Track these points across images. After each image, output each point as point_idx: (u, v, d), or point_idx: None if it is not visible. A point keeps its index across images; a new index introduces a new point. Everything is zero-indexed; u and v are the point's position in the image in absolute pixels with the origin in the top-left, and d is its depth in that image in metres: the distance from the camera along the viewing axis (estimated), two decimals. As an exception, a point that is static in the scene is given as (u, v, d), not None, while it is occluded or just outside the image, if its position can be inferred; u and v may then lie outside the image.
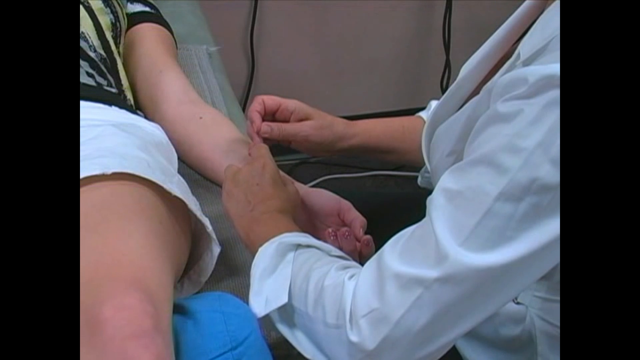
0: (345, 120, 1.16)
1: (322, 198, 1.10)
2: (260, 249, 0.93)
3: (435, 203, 0.78)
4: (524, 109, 0.72)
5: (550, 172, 0.71)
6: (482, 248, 0.75)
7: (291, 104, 1.12)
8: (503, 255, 0.74)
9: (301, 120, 1.13)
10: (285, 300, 0.88)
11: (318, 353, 0.89)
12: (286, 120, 1.12)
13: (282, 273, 0.90)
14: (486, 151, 0.75)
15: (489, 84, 0.84)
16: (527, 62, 0.78)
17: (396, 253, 0.80)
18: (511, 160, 0.73)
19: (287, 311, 0.90)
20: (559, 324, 0.92)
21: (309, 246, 0.92)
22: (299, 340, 0.90)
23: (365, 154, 1.19)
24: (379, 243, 0.86)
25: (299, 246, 0.92)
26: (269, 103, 1.11)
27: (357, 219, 1.06)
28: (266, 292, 0.90)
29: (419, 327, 0.78)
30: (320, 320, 0.85)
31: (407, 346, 0.79)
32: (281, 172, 1.05)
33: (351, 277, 0.84)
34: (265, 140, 1.10)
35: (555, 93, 0.70)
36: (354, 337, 0.81)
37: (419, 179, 1.16)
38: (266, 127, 1.10)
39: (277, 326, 0.91)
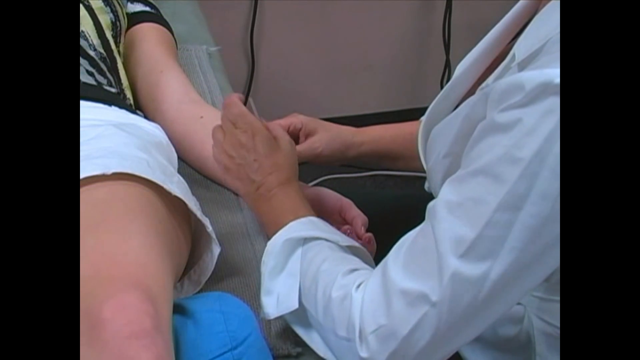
0: (352, 128, 1.16)
1: (323, 196, 1.10)
2: (268, 245, 0.93)
3: (437, 215, 0.79)
4: (523, 118, 0.72)
5: (548, 180, 0.72)
6: (483, 258, 0.75)
7: (297, 121, 1.12)
8: (504, 264, 0.75)
9: (308, 135, 1.13)
10: (295, 305, 0.90)
11: (331, 354, 0.89)
12: (295, 137, 1.12)
13: (291, 272, 0.91)
14: (485, 162, 0.75)
15: (484, 85, 0.84)
16: (523, 64, 0.78)
17: (399, 264, 0.81)
18: (509, 171, 0.73)
19: (299, 312, 0.91)
20: (557, 323, 0.92)
21: (316, 238, 0.92)
22: (313, 340, 0.91)
23: (374, 161, 1.20)
24: (379, 243, 0.86)
25: (306, 240, 0.92)
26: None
27: (359, 217, 1.06)
28: (277, 291, 0.91)
29: (426, 342, 0.79)
30: (330, 330, 0.86)
31: (414, 358, 0.80)
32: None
33: (358, 286, 0.84)
34: None
35: (552, 100, 0.70)
36: (363, 353, 0.82)
37: (427, 184, 1.16)
38: None
39: (292, 326, 0.92)
